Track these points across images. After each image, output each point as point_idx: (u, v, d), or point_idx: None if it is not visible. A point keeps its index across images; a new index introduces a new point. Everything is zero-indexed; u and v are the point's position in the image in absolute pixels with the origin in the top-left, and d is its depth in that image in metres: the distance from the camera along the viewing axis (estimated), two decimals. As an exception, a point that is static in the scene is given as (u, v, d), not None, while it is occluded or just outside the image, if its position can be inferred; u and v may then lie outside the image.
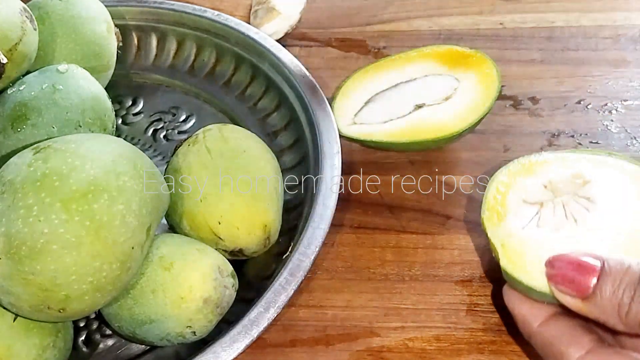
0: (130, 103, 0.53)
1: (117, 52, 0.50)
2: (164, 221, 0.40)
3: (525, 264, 0.35)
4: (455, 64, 0.48)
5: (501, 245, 0.36)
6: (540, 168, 0.39)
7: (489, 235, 0.37)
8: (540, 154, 0.39)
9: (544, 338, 0.33)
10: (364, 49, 0.56)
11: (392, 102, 0.47)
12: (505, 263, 0.35)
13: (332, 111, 0.45)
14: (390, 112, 0.46)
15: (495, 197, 0.38)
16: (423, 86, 0.47)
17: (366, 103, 0.48)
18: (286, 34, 0.57)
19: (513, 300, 0.35)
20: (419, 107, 0.46)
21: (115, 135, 0.44)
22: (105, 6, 0.49)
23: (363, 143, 0.46)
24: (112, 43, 0.49)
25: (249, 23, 0.54)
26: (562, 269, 0.32)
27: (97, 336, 0.40)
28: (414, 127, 0.45)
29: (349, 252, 0.43)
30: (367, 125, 0.46)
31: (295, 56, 0.49)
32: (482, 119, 0.45)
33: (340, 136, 0.44)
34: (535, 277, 0.34)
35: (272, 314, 0.35)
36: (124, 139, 0.44)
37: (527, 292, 0.35)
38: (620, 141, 0.47)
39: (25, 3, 0.43)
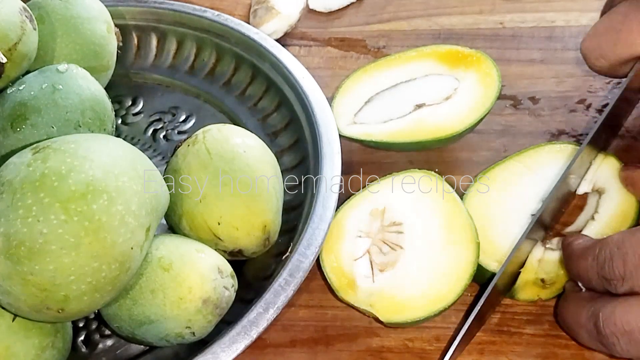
0: (130, 103, 0.53)
1: (117, 52, 0.50)
2: (164, 221, 0.40)
3: (401, 305, 0.37)
4: (455, 63, 0.48)
5: (370, 306, 0.37)
6: (344, 224, 0.41)
7: (356, 305, 0.38)
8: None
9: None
10: (363, 48, 0.56)
11: (392, 101, 0.47)
12: (386, 317, 0.37)
13: (332, 111, 0.45)
14: (390, 112, 0.46)
15: (334, 274, 0.39)
16: (423, 86, 0.47)
17: (366, 103, 0.47)
18: (286, 34, 0.57)
19: None
20: (419, 107, 0.46)
21: (115, 136, 0.44)
22: (105, 6, 0.49)
23: (363, 143, 0.46)
24: (112, 43, 0.48)
25: (249, 22, 0.54)
26: None
27: (96, 336, 0.40)
28: (414, 127, 0.45)
29: (348, 252, 0.43)
30: (367, 125, 0.46)
31: (295, 56, 0.49)
32: (482, 119, 0.45)
33: (340, 136, 0.44)
34: (417, 307, 0.37)
35: (271, 314, 0.35)
36: (124, 139, 0.44)
37: (416, 325, 0.38)
38: (621, 141, 0.47)
39: (25, 3, 0.43)
